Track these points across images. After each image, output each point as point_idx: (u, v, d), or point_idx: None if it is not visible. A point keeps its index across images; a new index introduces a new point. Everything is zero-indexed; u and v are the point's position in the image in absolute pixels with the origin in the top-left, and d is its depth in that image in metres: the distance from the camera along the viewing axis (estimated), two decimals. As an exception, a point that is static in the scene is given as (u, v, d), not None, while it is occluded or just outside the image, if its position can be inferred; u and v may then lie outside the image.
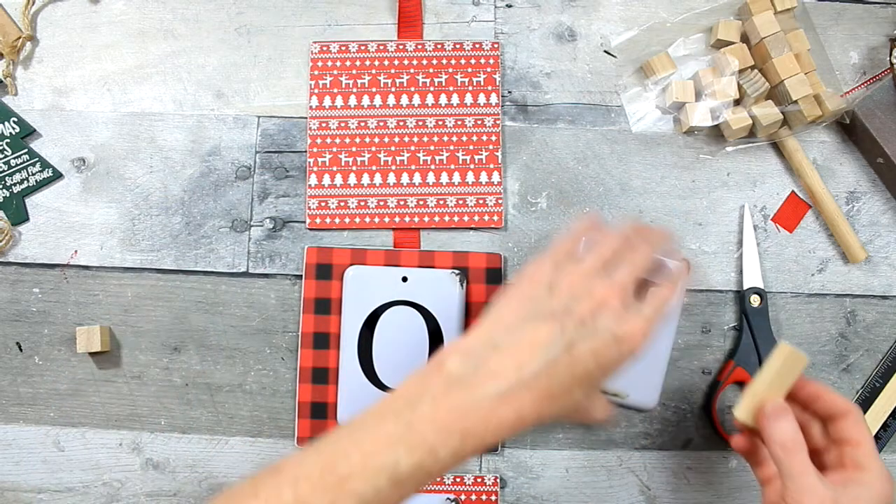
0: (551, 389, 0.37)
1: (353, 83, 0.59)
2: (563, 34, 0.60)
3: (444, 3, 0.60)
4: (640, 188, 0.58)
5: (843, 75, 0.60)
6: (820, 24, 0.59)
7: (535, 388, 0.37)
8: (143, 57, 0.59)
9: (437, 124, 0.58)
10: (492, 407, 0.36)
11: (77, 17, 0.60)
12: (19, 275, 0.57)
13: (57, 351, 0.57)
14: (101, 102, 0.59)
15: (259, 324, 0.57)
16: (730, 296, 0.58)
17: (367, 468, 0.35)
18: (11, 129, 0.58)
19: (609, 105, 0.59)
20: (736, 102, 0.57)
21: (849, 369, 0.58)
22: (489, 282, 0.57)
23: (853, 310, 0.58)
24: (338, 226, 0.57)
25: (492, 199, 0.58)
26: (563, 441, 0.57)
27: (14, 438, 0.56)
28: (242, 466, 0.56)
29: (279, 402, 0.57)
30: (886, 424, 0.56)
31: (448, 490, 0.55)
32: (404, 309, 0.56)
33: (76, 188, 0.58)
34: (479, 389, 0.37)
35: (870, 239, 0.58)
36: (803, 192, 0.59)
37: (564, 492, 0.56)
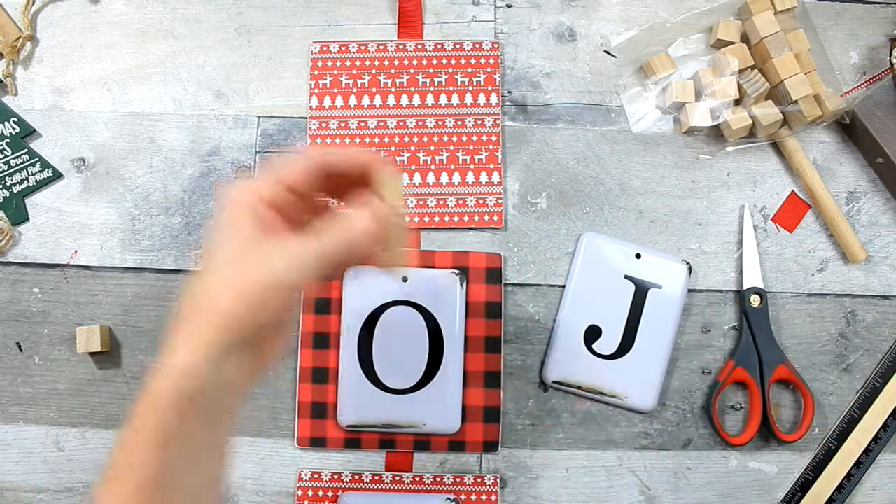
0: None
1: (353, 83, 0.59)
2: (563, 34, 0.60)
3: (444, 3, 0.60)
4: (640, 188, 0.58)
5: (843, 75, 0.60)
6: (820, 24, 0.59)
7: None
8: (143, 57, 0.59)
9: (437, 124, 0.58)
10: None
11: (77, 17, 0.60)
12: (19, 275, 0.57)
13: (57, 351, 0.57)
14: (101, 102, 0.59)
15: (259, 324, 0.57)
16: (730, 296, 0.58)
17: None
18: (11, 129, 0.58)
19: (609, 105, 0.59)
20: (736, 102, 0.57)
21: (849, 369, 0.58)
22: (489, 282, 0.57)
23: (853, 310, 0.58)
24: (338, 226, 0.57)
25: (492, 199, 0.58)
26: (563, 441, 0.57)
27: (14, 438, 0.56)
28: (242, 466, 0.56)
29: (279, 402, 0.57)
30: (886, 424, 0.56)
31: (448, 490, 0.55)
32: (404, 309, 0.56)
33: (76, 188, 0.58)
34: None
35: (870, 239, 0.58)
36: (803, 192, 0.59)
37: (564, 492, 0.56)
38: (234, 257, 0.37)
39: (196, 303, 0.37)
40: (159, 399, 0.35)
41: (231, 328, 0.37)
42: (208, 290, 0.37)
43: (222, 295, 0.37)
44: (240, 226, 0.37)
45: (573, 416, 0.57)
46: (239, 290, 0.37)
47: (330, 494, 0.55)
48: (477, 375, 0.56)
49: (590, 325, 0.56)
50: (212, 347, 0.36)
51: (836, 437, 0.57)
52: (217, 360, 0.37)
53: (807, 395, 0.56)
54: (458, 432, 0.55)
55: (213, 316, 0.37)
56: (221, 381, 0.37)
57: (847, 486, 0.56)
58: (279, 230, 0.39)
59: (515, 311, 0.57)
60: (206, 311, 0.36)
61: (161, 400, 0.35)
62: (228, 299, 0.37)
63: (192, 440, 0.36)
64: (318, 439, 0.56)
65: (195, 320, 0.37)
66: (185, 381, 0.36)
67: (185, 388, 0.36)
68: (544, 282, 0.58)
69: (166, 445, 0.35)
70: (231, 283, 0.37)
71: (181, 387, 0.35)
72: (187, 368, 0.36)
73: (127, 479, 0.35)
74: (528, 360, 0.57)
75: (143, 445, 0.35)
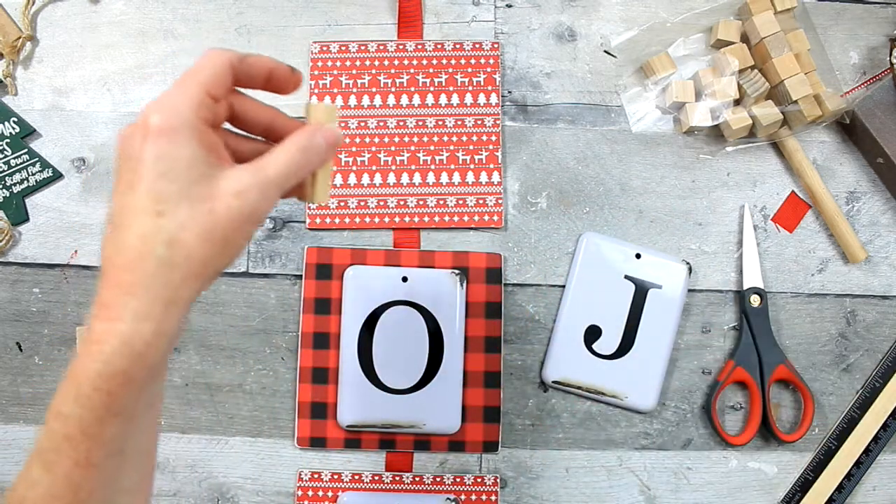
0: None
1: (353, 83, 0.59)
2: (563, 34, 0.60)
3: (444, 3, 0.60)
4: (640, 188, 0.58)
5: (843, 75, 0.60)
6: (820, 24, 0.59)
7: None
8: (143, 57, 0.59)
9: (437, 124, 0.58)
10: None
11: (77, 17, 0.60)
12: (19, 275, 0.57)
13: (57, 351, 0.57)
14: (101, 102, 0.59)
15: (259, 324, 0.57)
16: (730, 296, 0.58)
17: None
18: (11, 129, 0.58)
19: (609, 105, 0.59)
20: (736, 102, 0.57)
21: (849, 369, 0.58)
22: (489, 282, 0.57)
23: (853, 310, 0.58)
24: (338, 226, 0.57)
25: (492, 199, 0.58)
26: (563, 441, 0.57)
27: (14, 438, 0.56)
28: (242, 466, 0.56)
29: (279, 402, 0.57)
30: (886, 424, 0.56)
31: (448, 490, 0.55)
32: (404, 309, 0.56)
33: (76, 188, 0.58)
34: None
35: (870, 239, 0.58)
36: (803, 192, 0.59)
37: (564, 492, 0.56)
38: (189, 193, 0.32)
39: (144, 252, 0.31)
40: (100, 382, 0.30)
41: (198, 276, 0.32)
42: (163, 235, 0.31)
43: (187, 239, 0.31)
44: (182, 153, 0.32)
45: (573, 416, 0.57)
46: (207, 231, 0.32)
47: (330, 494, 0.55)
48: (477, 375, 0.56)
49: (590, 325, 0.56)
50: (172, 306, 0.32)
51: (836, 437, 0.57)
52: (176, 321, 0.32)
53: (807, 395, 0.56)
54: (458, 432, 0.55)
55: (176, 267, 0.31)
56: (171, 343, 0.32)
57: (847, 486, 0.56)
58: (223, 153, 0.34)
59: (515, 311, 0.57)
60: (163, 262, 0.31)
61: (102, 382, 0.30)
62: (196, 244, 0.32)
63: (132, 427, 0.33)
64: (318, 439, 0.56)
65: (140, 275, 0.31)
66: (138, 357, 0.31)
67: (135, 367, 0.31)
68: (544, 282, 0.58)
69: (111, 434, 0.32)
70: (195, 224, 0.32)
71: (132, 364, 0.31)
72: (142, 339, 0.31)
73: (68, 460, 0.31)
74: (528, 360, 0.57)
75: (86, 432, 0.31)
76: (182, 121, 0.32)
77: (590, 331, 0.56)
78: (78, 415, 0.31)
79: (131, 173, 0.32)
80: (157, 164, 0.31)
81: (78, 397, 0.31)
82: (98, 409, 0.31)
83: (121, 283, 0.31)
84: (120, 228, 0.31)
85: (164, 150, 0.31)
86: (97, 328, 0.31)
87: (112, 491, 0.33)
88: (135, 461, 0.34)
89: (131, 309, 0.31)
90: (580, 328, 0.56)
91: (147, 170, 0.31)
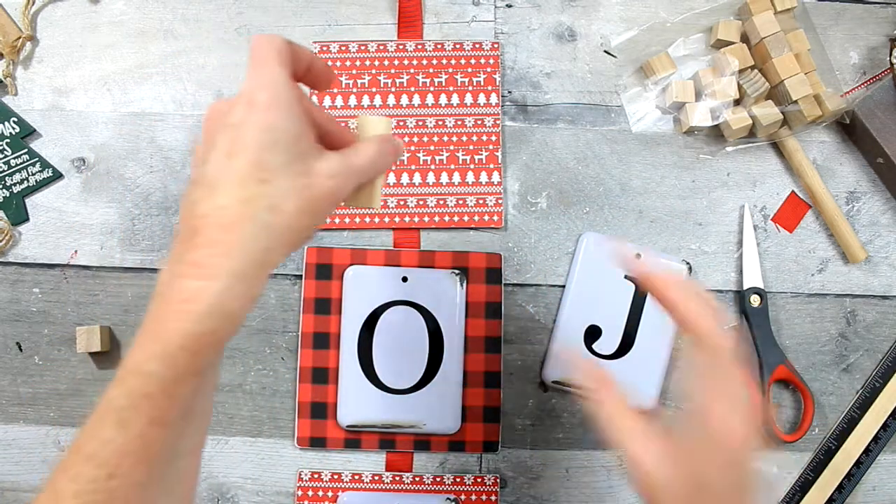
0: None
1: (353, 83, 0.59)
2: (563, 34, 0.60)
3: (444, 3, 0.60)
4: (640, 188, 0.59)
5: (843, 75, 0.60)
6: (820, 24, 0.59)
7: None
8: (143, 57, 0.59)
9: (437, 124, 0.58)
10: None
11: (77, 17, 0.60)
12: (19, 275, 0.57)
13: (57, 351, 0.57)
14: (101, 102, 0.59)
15: (259, 324, 0.57)
16: (730, 296, 0.58)
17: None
18: (11, 129, 0.58)
19: (609, 105, 0.59)
20: (736, 102, 0.57)
21: (849, 369, 0.58)
22: (489, 282, 0.57)
23: (853, 310, 0.58)
24: (338, 226, 0.57)
25: (492, 199, 0.58)
26: (563, 441, 0.57)
27: (14, 438, 0.56)
28: (242, 466, 0.56)
29: (279, 402, 0.57)
30: (886, 424, 0.56)
31: (448, 490, 0.55)
32: (404, 309, 0.56)
33: (76, 188, 0.58)
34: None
35: (870, 239, 0.58)
36: (803, 192, 0.59)
37: (564, 492, 0.56)
38: (290, 167, 0.33)
39: (246, 215, 0.32)
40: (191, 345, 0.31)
41: (289, 244, 0.34)
42: (266, 201, 0.32)
43: (287, 208, 0.33)
44: (288, 128, 0.33)
45: (573, 416, 0.57)
46: (304, 203, 0.33)
47: (330, 494, 0.56)
48: (477, 375, 0.56)
49: (590, 325, 0.56)
50: (263, 270, 0.32)
51: (836, 437, 0.57)
52: (263, 285, 0.33)
53: (807, 395, 0.56)
54: (458, 432, 0.56)
55: (275, 233, 0.32)
56: (254, 306, 0.33)
57: (847, 486, 0.56)
58: (314, 137, 0.36)
59: (515, 311, 0.57)
60: (264, 226, 0.32)
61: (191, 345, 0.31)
62: (294, 214, 0.33)
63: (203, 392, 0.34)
64: (318, 439, 0.56)
65: (239, 237, 0.31)
66: (228, 317, 0.31)
67: (224, 327, 0.31)
68: (544, 282, 0.58)
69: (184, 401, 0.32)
70: (295, 195, 0.33)
71: (221, 324, 0.31)
72: (235, 299, 0.31)
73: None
74: (528, 360, 0.57)
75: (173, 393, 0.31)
76: (287, 98, 0.34)
77: (590, 331, 0.56)
78: (161, 374, 0.31)
79: (232, 142, 0.33)
80: (265, 135, 0.33)
81: (163, 357, 0.31)
82: (181, 369, 0.31)
83: (218, 242, 0.31)
84: (219, 192, 0.32)
85: (272, 123, 0.33)
86: (188, 286, 0.31)
87: (174, 452, 0.34)
88: (197, 422, 0.35)
89: (227, 269, 0.31)
90: (580, 328, 0.56)
91: (253, 140, 0.32)
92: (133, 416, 0.31)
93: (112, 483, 0.31)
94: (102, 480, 0.31)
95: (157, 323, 0.31)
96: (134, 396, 0.31)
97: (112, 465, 0.31)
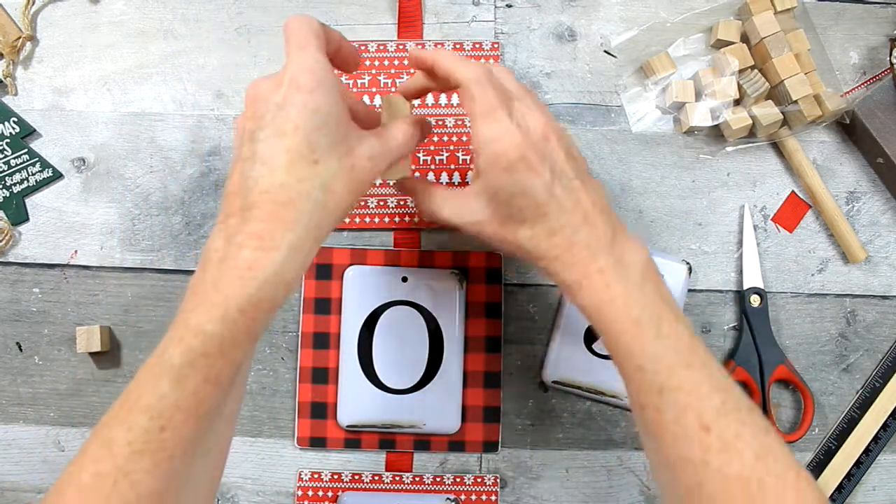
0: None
1: (353, 83, 0.59)
2: (563, 34, 0.60)
3: (444, 3, 0.60)
4: (640, 188, 0.59)
5: (843, 75, 0.60)
6: (820, 24, 0.59)
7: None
8: (143, 57, 0.59)
9: (437, 124, 0.58)
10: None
11: (77, 17, 0.60)
12: (19, 275, 0.57)
13: (57, 351, 0.57)
14: (101, 102, 0.59)
15: (259, 324, 0.57)
16: (730, 296, 0.58)
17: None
18: (11, 129, 0.58)
19: (609, 105, 0.59)
20: (736, 102, 0.57)
21: (849, 369, 0.58)
22: (489, 282, 0.57)
23: (853, 310, 0.58)
24: (338, 226, 0.57)
25: (492, 199, 0.57)
26: (563, 441, 0.57)
27: (14, 438, 0.56)
28: (242, 466, 0.56)
29: (279, 402, 0.57)
30: (886, 424, 0.56)
31: (448, 490, 0.55)
32: (404, 309, 0.56)
33: (76, 188, 0.58)
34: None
35: (870, 239, 0.58)
36: (803, 192, 0.59)
37: (564, 492, 0.56)
38: (337, 148, 0.36)
39: (303, 192, 0.35)
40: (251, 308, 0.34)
41: (337, 221, 0.37)
42: (319, 181, 0.35)
43: (337, 188, 0.36)
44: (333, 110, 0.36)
45: (573, 416, 0.57)
46: (351, 183, 0.37)
47: (330, 494, 0.56)
48: (477, 375, 0.56)
49: (590, 325, 0.56)
50: (316, 244, 0.36)
51: (836, 437, 0.57)
52: (312, 257, 0.36)
53: (807, 395, 0.56)
54: (458, 432, 0.56)
55: (326, 210, 0.36)
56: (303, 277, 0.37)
57: (847, 486, 0.56)
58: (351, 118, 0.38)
59: (515, 311, 0.57)
60: (319, 204, 0.35)
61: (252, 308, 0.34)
62: (343, 193, 0.36)
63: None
64: (318, 439, 0.56)
65: (298, 213, 0.35)
66: (285, 285, 0.35)
67: (280, 294, 0.35)
68: (544, 282, 0.58)
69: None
70: (343, 176, 0.36)
71: (278, 292, 0.35)
72: (293, 269, 0.35)
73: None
74: (528, 360, 0.57)
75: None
76: (330, 80, 0.36)
77: (590, 331, 0.56)
78: (220, 334, 0.34)
79: (281, 121, 0.35)
80: (313, 117, 0.35)
81: (224, 319, 0.34)
82: (239, 331, 0.34)
83: (280, 217, 0.35)
84: (275, 170, 0.35)
85: (318, 105, 0.36)
86: (249, 256, 0.34)
87: (218, 414, 0.37)
88: (238, 388, 0.39)
89: (288, 241, 0.35)
90: (580, 328, 0.56)
91: (304, 121, 0.35)
92: (190, 374, 0.34)
93: (164, 435, 0.34)
94: (155, 432, 0.34)
95: (215, 289, 0.34)
96: (193, 355, 0.34)
97: (165, 419, 0.34)
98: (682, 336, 0.38)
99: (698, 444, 0.36)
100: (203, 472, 0.38)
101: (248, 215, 0.35)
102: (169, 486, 0.35)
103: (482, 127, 0.39)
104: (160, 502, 0.34)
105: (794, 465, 0.36)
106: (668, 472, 0.38)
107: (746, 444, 0.36)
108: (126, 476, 0.34)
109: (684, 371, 0.37)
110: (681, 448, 0.36)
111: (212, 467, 0.39)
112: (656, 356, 0.37)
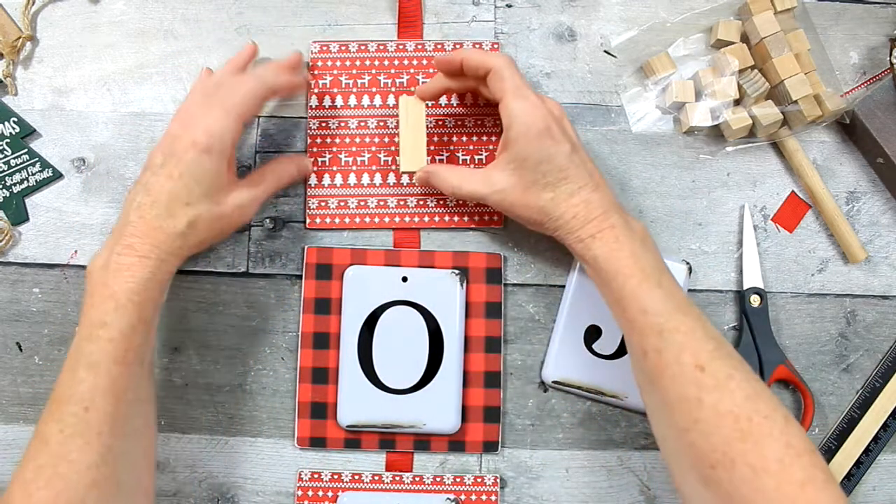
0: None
1: (353, 83, 0.59)
2: (563, 34, 0.60)
3: (444, 3, 0.60)
4: (640, 188, 0.59)
5: (843, 75, 0.60)
6: (820, 24, 0.59)
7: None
8: (143, 57, 0.59)
9: (437, 124, 0.58)
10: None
11: (77, 17, 0.60)
12: (19, 275, 0.57)
13: (57, 351, 0.57)
14: (101, 102, 0.59)
15: (259, 324, 0.57)
16: (730, 296, 0.58)
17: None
18: (11, 129, 0.58)
19: (609, 105, 0.59)
20: (736, 102, 0.57)
21: (849, 369, 0.58)
22: (489, 282, 0.57)
23: (853, 310, 0.58)
24: (338, 226, 0.57)
25: (492, 199, 0.57)
26: (563, 441, 0.57)
27: (14, 438, 0.56)
28: (242, 466, 0.56)
29: (279, 402, 0.57)
30: (886, 424, 0.56)
31: (448, 490, 0.55)
32: (404, 309, 0.56)
33: (76, 188, 0.58)
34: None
35: (870, 239, 0.58)
36: (803, 192, 0.59)
37: (564, 492, 0.56)
38: (209, 196, 0.48)
39: (174, 224, 0.46)
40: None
41: (197, 247, 0.49)
42: (187, 218, 0.47)
43: (201, 226, 0.48)
44: (213, 169, 0.47)
45: (573, 416, 0.57)
46: (214, 222, 0.48)
47: (330, 494, 0.56)
48: (477, 375, 0.56)
49: (590, 325, 0.56)
50: (179, 259, 0.48)
51: (836, 437, 0.57)
52: (179, 264, 0.48)
53: (807, 395, 0.56)
54: (458, 432, 0.56)
55: (187, 240, 0.47)
56: (172, 275, 0.48)
57: (847, 486, 0.56)
58: (233, 167, 0.51)
59: (515, 311, 0.57)
60: (182, 235, 0.47)
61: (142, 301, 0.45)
62: (205, 230, 0.48)
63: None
64: (318, 439, 0.56)
65: (166, 237, 0.46)
66: (158, 283, 0.47)
67: (156, 289, 0.47)
68: (544, 282, 0.58)
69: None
70: (209, 218, 0.48)
71: (154, 288, 0.46)
72: (162, 272, 0.46)
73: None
74: (528, 360, 0.57)
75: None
76: (221, 147, 0.48)
77: (590, 331, 0.56)
78: (117, 321, 0.44)
79: (173, 167, 0.47)
80: (196, 170, 0.47)
81: (117, 308, 0.44)
82: (132, 316, 0.44)
83: (148, 235, 0.46)
84: (155, 203, 0.47)
85: (203, 162, 0.47)
86: (125, 261, 0.45)
87: (136, 397, 0.45)
88: (148, 373, 0.47)
89: (156, 254, 0.46)
90: (580, 328, 0.56)
91: (187, 170, 0.47)
92: (99, 359, 0.43)
93: (89, 415, 0.42)
94: (81, 414, 0.42)
95: (106, 288, 0.44)
96: (100, 342, 0.43)
97: (87, 400, 0.42)
98: (678, 292, 0.45)
99: (694, 383, 0.41)
100: (136, 449, 0.45)
101: (125, 231, 0.46)
102: (105, 459, 0.42)
103: (513, 102, 0.48)
104: (98, 475, 0.41)
105: (782, 409, 0.41)
106: (668, 412, 0.42)
107: (738, 385, 0.41)
108: (62, 458, 0.41)
109: (682, 316, 0.43)
110: (679, 387, 0.42)
111: (144, 445, 0.46)
112: (658, 301, 0.44)
